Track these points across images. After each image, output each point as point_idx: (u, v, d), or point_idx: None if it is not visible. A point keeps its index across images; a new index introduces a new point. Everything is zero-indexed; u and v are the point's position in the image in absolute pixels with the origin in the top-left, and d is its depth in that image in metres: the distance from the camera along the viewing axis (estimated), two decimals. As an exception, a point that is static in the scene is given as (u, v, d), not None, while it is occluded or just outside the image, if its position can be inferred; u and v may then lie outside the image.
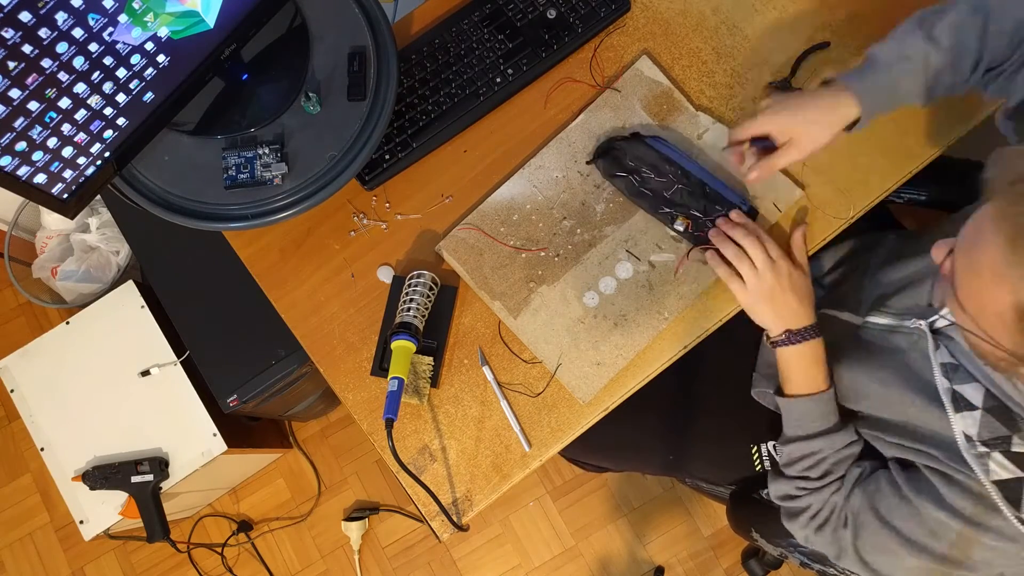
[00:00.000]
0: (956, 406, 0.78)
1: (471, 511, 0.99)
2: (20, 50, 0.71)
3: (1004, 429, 0.75)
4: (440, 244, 1.04)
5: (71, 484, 1.41)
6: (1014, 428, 0.74)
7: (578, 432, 1.00)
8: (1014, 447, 0.74)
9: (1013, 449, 0.74)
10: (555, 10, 1.07)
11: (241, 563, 1.85)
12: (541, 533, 1.82)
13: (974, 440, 0.76)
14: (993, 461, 0.75)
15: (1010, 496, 0.73)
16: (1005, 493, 0.74)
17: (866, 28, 1.06)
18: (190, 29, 0.86)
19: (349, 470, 1.89)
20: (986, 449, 0.75)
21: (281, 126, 0.99)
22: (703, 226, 0.99)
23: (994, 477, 0.74)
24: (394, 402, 0.92)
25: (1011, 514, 0.73)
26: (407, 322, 0.97)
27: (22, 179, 0.80)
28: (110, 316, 1.48)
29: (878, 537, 0.84)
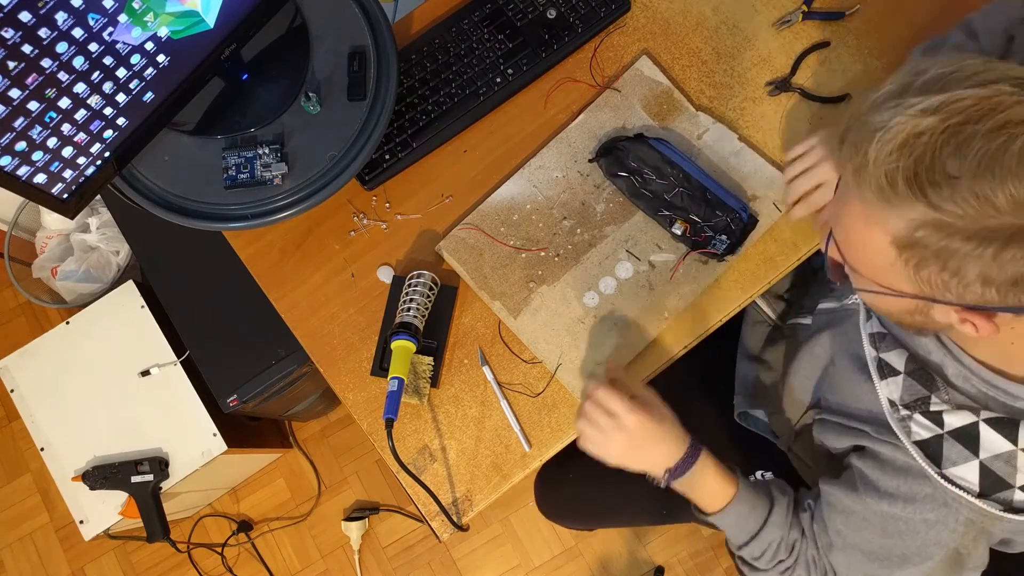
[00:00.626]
0: (881, 373, 0.79)
1: (471, 511, 0.99)
2: (20, 50, 0.71)
3: (923, 390, 0.75)
4: (440, 244, 1.04)
5: (71, 484, 1.41)
6: (932, 388, 0.74)
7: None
8: (932, 406, 0.74)
9: (931, 408, 0.74)
10: (555, 10, 1.07)
11: (241, 563, 1.85)
12: (541, 533, 1.82)
13: (897, 404, 0.77)
14: (914, 423, 0.75)
15: (929, 454, 0.73)
16: (925, 452, 0.74)
17: (866, 28, 1.06)
18: (190, 29, 0.86)
19: (349, 470, 1.89)
20: (908, 412, 0.75)
21: (281, 126, 0.99)
22: (702, 231, 0.99)
23: (915, 438, 0.75)
24: (394, 402, 0.92)
25: (933, 471, 0.73)
26: (407, 322, 0.97)
27: (22, 179, 0.80)
28: (110, 316, 1.48)
29: (849, 563, 0.83)
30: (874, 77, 1.04)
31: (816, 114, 1.04)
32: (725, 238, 0.99)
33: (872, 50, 1.05)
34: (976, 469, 0.71)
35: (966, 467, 0.72)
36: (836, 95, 1.04)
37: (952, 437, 0.72)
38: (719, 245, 0.99)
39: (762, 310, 1.11)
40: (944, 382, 0.74)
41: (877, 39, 1.05)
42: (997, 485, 0.71)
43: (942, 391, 0.74)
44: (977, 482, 0.71)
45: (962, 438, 0.72)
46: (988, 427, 0.70)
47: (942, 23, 1.04)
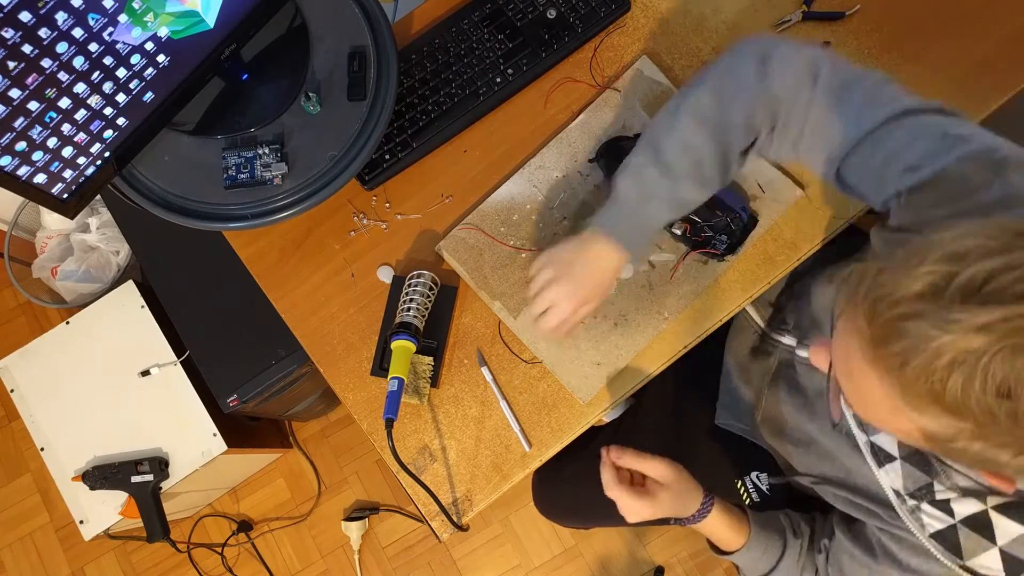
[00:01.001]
0: (878, 460, 0.76)
1: (471, 511, 0.99)
2: (20, 50, 0.71)
3: (925, 476, 0.72)
4: (440, 244, 1.04)
5: (71, 484, 1.41)
6: (933, 473, 0.72)
7: (578, 432, 1.00)
8: (937, 495, 0.71)
9: (937, 497, 0.71)
10: (555, 10, 1.07)
11: (241, 563, 1.85)
12: (541, 533, 1.82)
13: (903, 494, 0.74)
14: (925, 514, 0.73)
15: (948, 546, 0.71)
16: (943, 544, 0.72)
17: (866, 28, 1.06)
18: (190, 29, 0.86)
19: (349, 470, 1.89)
20: (915, 502, 0.73)
21: (281, 126, 0.99)
22: (701, 231, 0.99)
23: (930, 531, 0.72)
24: (394, 402, 0.92)
25: (955, 565, 0.71)
26: (407, 322, 0.97)
27: (22, 179, 0.80)
28: (110, 316, 1.48)
29: None
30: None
31: (816, 114, 1.04)
32: (725, 238, 0.99)
33: (872, 50, 1.05)
34: (998, 557, 0.69)
35: (987, 556, 0.69)
36: (836, 95, 1.04)
37: (966, 526, 0.70)
38: (719, 245, 0.99)
39: (750, 316, 1.10)
40: (942, 465, 0.72)
41: (877, 39, 1.05)
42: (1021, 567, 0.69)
43: (942, 476, 0.71)
44: (1002, 569, 0.69)
45: (975, 526, 0.70)
46: (999, 514, 0.68)
47: (942, 23, 1.05)
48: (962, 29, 1.04)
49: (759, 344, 1.07)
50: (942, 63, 1.04)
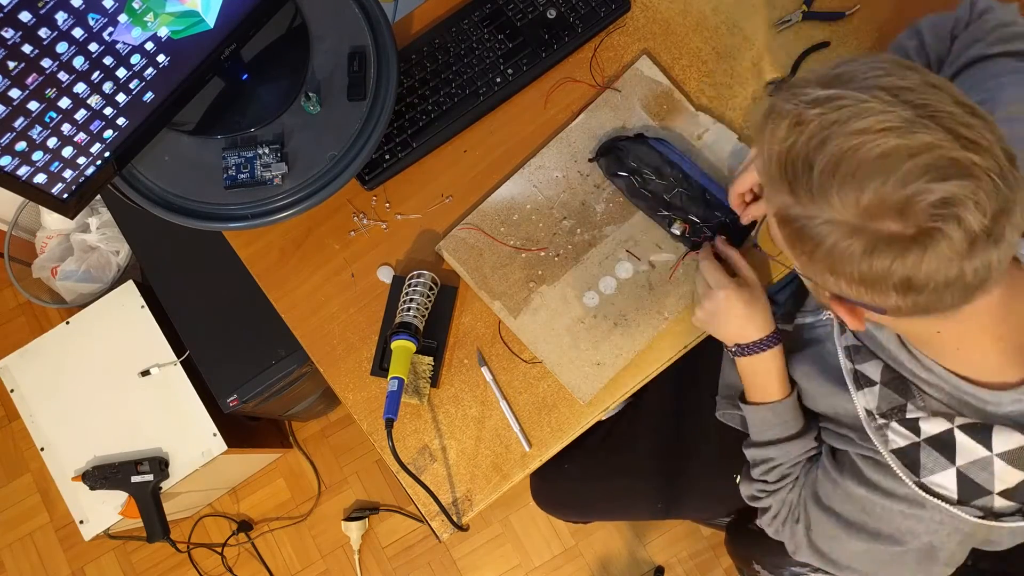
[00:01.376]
0: (857, 384, 0.79)
1: (471, 511, 0.99)
2: (20, 50, 0.70)
3: (899, 398, 0.75)
4: (440, 244, 1.04)
5: (71, 484, 1.41)
6: (908, 396, 0.74)
7: (578, 432, 1.00)
8: (908, 414, 0.74)
9: (907, 416, 0.74)
10: (555, 10, 1.07)
11: (241, 563, 1.85)
12: (541, 533, 1.82)
13: (874, 413, 0.77)
14: (891, 431, 0.75)
15: (907, 463, 0.74)
16: (903, 460, 0.74)
17: (866, 28, 1.06)
18: (190, 29, 0.86)
19: (349, 470, 1.89)
20: (884, 420, 0.76)
21: (281, 126, 0.99)
22: (700, 231, 0.99)
23: (892, 446, 0.75)
24: (394, 402, 0.92)
25: (910, 480, 0.73)
26: (407, 322, 0.97)
27: (22, 179, 0.80)
28: (110, 316, 1.48)
29: (824, 525, 0.85)
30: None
31: (816, 114, 1.04)
32: (724, 239, 0.99)
33: (872, 50, 1.05)
34: (954, 476, 0.71)
35: (943, 475, 0.71)
36: (836, 95, 1.04)
37: (928, 444, 0.72)
38: (719, 245, 0.99)
39: None
40: (919, 390, 0.74)
41: (877, 39, 1.05)
42: (975, 492, 0.70)
43: (917, 399, 0.74)
44: (955, 489, 0.71)
45: (938, 445, 0.72)
46: (963, 433, 0.70)
47: (942, 23, 1.05)
48: (962, 29, 1.04)
49: None
50: (942, 63, 1.04)
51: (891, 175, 0.55)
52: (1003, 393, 0.67)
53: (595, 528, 1.80)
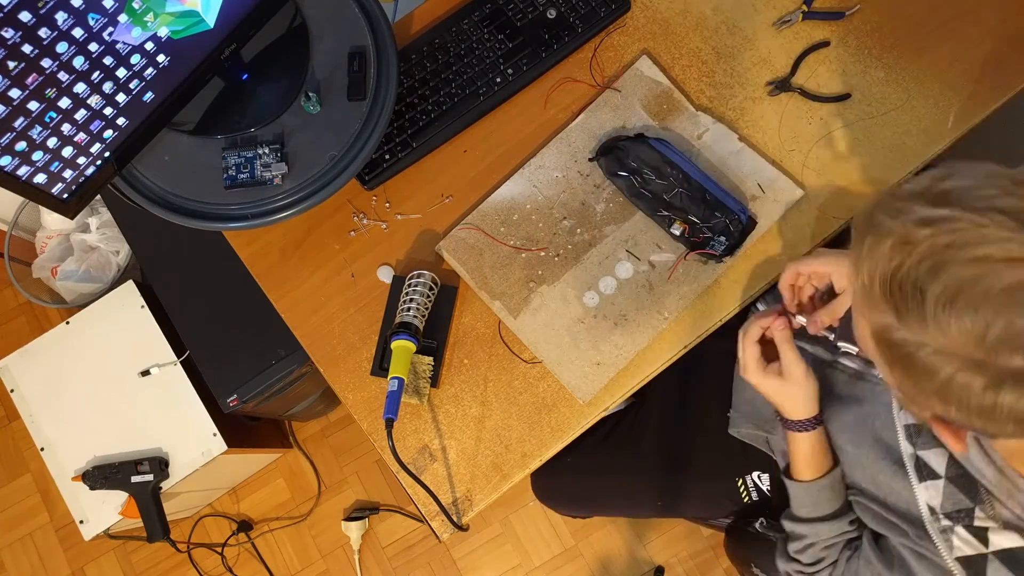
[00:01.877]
0: (920, 474, 0.75)
1: (471, 511, 0.99)
2: (20, 50, 0.70)
3: (967, 500, 0.71)
4: (440, 244, 1.04)
5: (71, 484, 1.41)
6: (976, 499, 0.70)
7: (578, 432, 1.00)
8: (976, 521, 0.69)
9: (975, 523, 0.69)
10: (555, 10, 1.07)
11: (241, 563, 1.85)
12: (541, 533, 1.82)
13: (937, 512, 0.73)
14: (957, 536, 0.71)
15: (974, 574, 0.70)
16: (968, 571, 0.70)
17: (866, 28, 1.06)
18: (190, 29, 0.86)
19: (349, 470, 1.89)
20: (949, 523, 0.71)
21: (281, 126, 0.99)
22: (700, 232, 0.99)
23: (957, 554, 0.71)
24: (394, 402, 0.92)
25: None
26: (407, 322, 0.97)
27: (22, 179, 0.80)
28: (110, 316, 1.48)
29: None
30: (874, 77, 1.04)
31: (816, 114, 1.04)
32: (724, 239, 0.99)
33: (872, 50, 1.05)
34: None
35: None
36: (836, 95, 1.04)
37: (998, 559, 0.68)
38: (717, 247, 0.99)
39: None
40: (988, 494, 0.70)
41: (877, 39, 1.05)
42: None
43: (987, 504, 0.69)
44: None
45: (1009, 562, 0.67)
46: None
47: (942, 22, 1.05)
48: (962, 29, 1.04)
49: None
50: (942, 63, 1.04)
51: (1011, 307, 0.50)
52: None
53: (595, 528, 1.80)
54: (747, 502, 1.14)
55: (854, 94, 1.04)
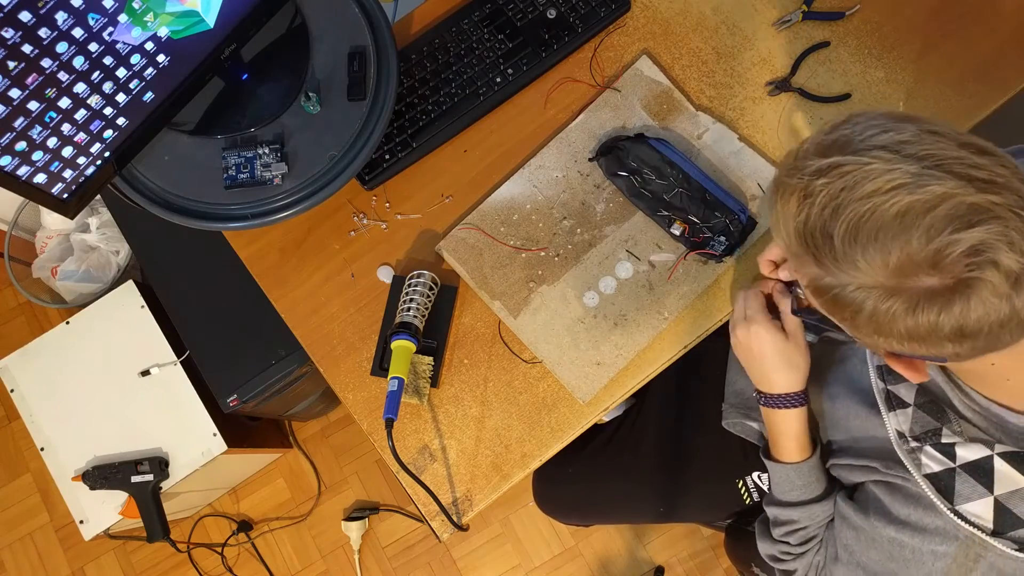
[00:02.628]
0: (889, 405, 0.77)
1: (471, 511, 0.99)
2: (20, 50, 0.71)
3: (934, 422, 0.73)
4: (440, 244, 1.04)
5: (71, 484, 1.41)
6: (944, 420, 0.72)
7: (578, 432, 1.00)
8: (943, 438, 0.71)
9: (943, 441, 0.71)
10: (555, 10, 1.07)
11: (241, 563, 1.85)
12: (541, 533, 1.82)
13: (906, 436, 0.74)
14: (924, 455, 0.73)
15: (941, 488, 0.71)
16: (937, 486, 0.71)
17: (866, 28, 1.06)
18: (190, 29, 0.86)
19: (349, 470, 1.89)
20: (917, 443, 0.73)
21: (281, 126, 0.99)
22: (700, 232, 0.99)
23: (925, 471, 0.72)
24: (394, 402, 0.92)
25: (944, 506, 0.70)
26: (407, 322, 0.97)
27: (22, 179, 0.80)
28: (110, 316, 1.48)
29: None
30: (874, 77, 1.04)
31: (816, 114, 1.04)
32: (724, 239, 0.99)
33: (872, 50, 1.05)
34: (991, 505, 0.68)
35: (980, 503, 0.69)
36: (836, 95, 1.04)
37: (964, 471, 0.70)
38: (717, 247, 0.99)
39: None
40: (956, 414, 0.72)
41: (877, 39, 1.05)
42: (1013, 522, 0.67)
43: (954, 423, 0.71)
44: (992, 519, 0.68)
45: (975, 472, 0.69)
46: (1004, 461, 0.67)
47: (942, 22, 1.05)
48: (962, 29, 1.04)
49: None
50: (942, 63, 1.04)
51: (913, 232, 0.54)
52: None
53: (595, 528, 1.80)
54: (748, 503, 1.14)
55: (854, 94, 1.04)
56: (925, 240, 0.53)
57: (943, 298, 0.55)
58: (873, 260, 0.56)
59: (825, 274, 0.60)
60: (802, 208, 0.59)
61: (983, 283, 0.53)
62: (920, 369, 0.65)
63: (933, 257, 0.54)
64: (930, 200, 0.53)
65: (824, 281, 0.60)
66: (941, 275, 0.54)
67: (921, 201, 0.54)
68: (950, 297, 0.54)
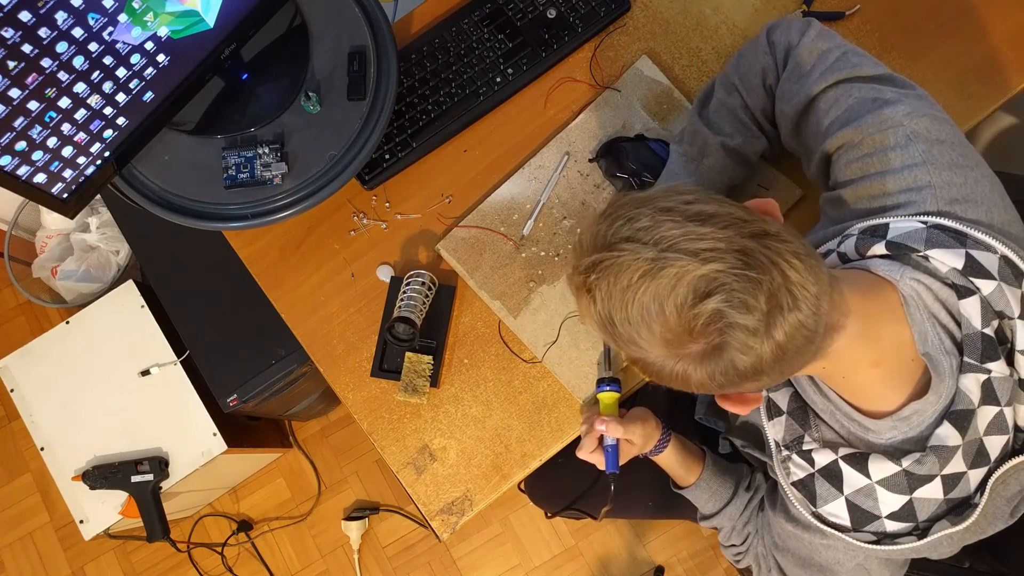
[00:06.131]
0: (770, 414, 0.81)
1: (471, 511, 0.99)
2: (20, 50, 0.71)
3: (799, 429, 0.77)
4: (440, 244, 1.04)
5: (71, 484, 1.41)
6: (806, 427, 0.76)
7: (578, 431, 1.00)
8: (805, 445, 0.76)
9: (804, 448, 0.76)
10: (555, 10, 1.07)
11: (241, 563, 1.85)
12: (541, 533, 1.82)
13: (780, 445, 0.78)
14: (792, 463, 0.77)
15: (806, 494, 0.76)
16: (803, 492, 0.76)
17: (866, 28, 1.06)
18: (190, 29, 0.86)
19: (349, 470, 1.89)
20: (787, 452, 0.78)
21: (281, 125, 0.99)
22: None
23: (792, 479, 0.77)
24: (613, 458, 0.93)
25: (807, 512, 0.76)
26: (405, 316, 0.97)
27: (22, 179, 0.80)
28: (110, 316, 1.48)
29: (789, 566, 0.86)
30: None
31: (816, 114, 1.04)
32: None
33: (872, 50, 1.05)
34: (844, 505, 0.73)
35: (835, 504, 0.74)
36: (836, 95, 1.04)
37: (821, 475, 0.74)
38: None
39: None
40: (816, 419, 0.76)
41: (877, 39, 1.05)
42: (866, 518, 0.72)
43: (813, 429, 0.76)
44: (847, 517, 0.73)
45: (828, 476, 0.74)
46: (845, 463, 0.72)
47: (942, 22, 1.05)
48: (962, 28, 1.04)
49: None
50: (942, 63, 1.04)
51: (665, 311, 0.59)
52: (881, 422, 0.69)
53: (595, 528, 1.80)
54: None
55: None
56: (676, 316, 0.59)
57: (714, 355, 0.60)
58: (649, 338, 0.61)
59: (629, 352, 0.65)
60: (589, 302, 0.64)
61: (734, 341, 0.59)
62: (745, 400, 0.70)
63: (688, 328, 0.59)
64: (669, 282, 0.59)
65: (633, 356, 0.65)
66: (702, 340, 0.60)
67: (664, 284, 0.59)
68: (718, 354, 0.60)
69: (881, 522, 0.72)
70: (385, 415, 1.02)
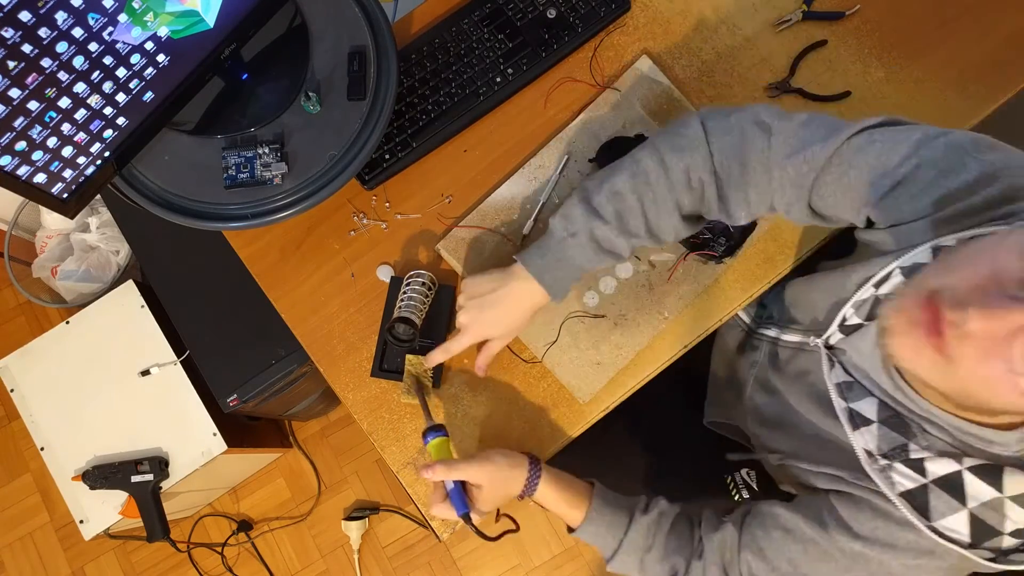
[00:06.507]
0: (853, 423, 0.77)
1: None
2: (20, 50, 0.71)
3: (901, 438, 0.73)
4: (440, 244, 1.04)
5: (71, 484, 1.41)
6: (909, 435, 0.72)
7: (578, 432, 1.00)
8: (912, 454, 0.72)
9: (911, 456, 0.72)
10: (555, 9, 1.07)
11: (241, 563, 1.85)
12: (541, 533, 1.82)
13: (874, 454, 0.74)
14: (896, 472, 0.73)
15: (917, 505, 0.71)
16: (912, 503, 0.71)
17: (866, 28, 1.06)
18: (190, 29, 0.86)
19: (349, 470, 1.89)
20: (887, 461, 0.73)
21: (281, 125, 0.99)
22: (700, 232, 0.99)
23: (899, 489, 0.72)
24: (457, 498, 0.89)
25: (923, 525, 0.70)
26: (405, 316, 0.97)
27: (22, 179, 0.80)
28: (110, 316, 1.48)
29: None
30: (874, 77, 1.04)
31: (816, 114, 1.04)
32: (724, 240, 0.99)
33: (872, 50, 1.05)
34: (966, 519, 0.69)
35: (955, 518, 0.69)
36: (836, 95, 1.04)
37: (937, 486, 0.70)
38: (717, 247, 0.99)
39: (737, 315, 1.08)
40: (920, 429, 0.72)
41: (877, 39, 1.05)
42: (987, 533, 0.68)
43: (920, 437, 0.72)
44: (968, 532, 0.69)
45: (947, 487, 0.70)
46: (972, 475, 0.68)
47: (942, 22, 1.05)
48: (962, 29, 1.04)
49: (745, 340, 1.06)
50: (942, 63, 1.04)
51: None
52: (1009, 433, 0.65)
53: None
54: (737, 499, 1.14)
55: (854, 94, 1.04)
56: None
57: None
58: None
59: None
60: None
61: None
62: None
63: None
64: None
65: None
66: None
67: None
68: None
69: (1001, 538, 0.68)
70: (385, 415, 1.02)
